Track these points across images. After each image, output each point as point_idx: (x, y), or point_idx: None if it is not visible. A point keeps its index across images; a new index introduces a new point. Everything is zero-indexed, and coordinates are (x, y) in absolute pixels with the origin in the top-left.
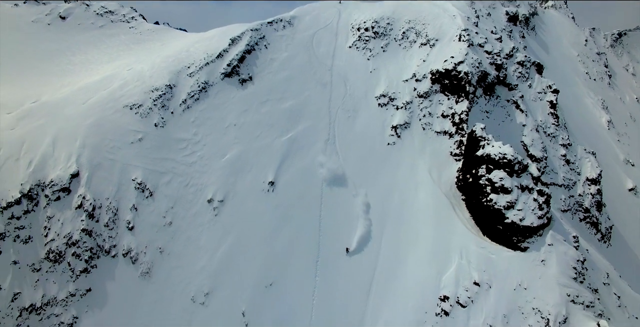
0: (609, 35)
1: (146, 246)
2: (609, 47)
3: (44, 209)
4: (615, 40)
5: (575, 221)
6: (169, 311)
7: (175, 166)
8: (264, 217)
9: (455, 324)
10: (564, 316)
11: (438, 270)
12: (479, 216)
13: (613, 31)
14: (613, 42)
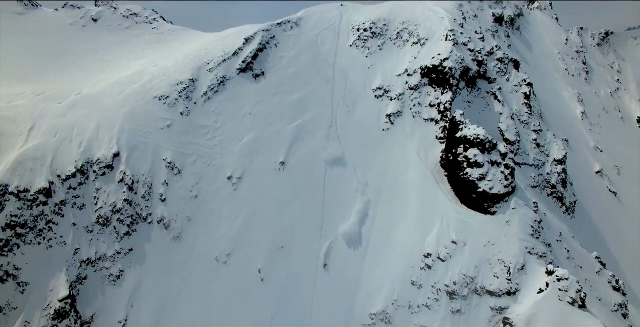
0: (596, 34)
1: (176, 215)
2: (596, 45)
3: (93, 182)
4: (602, 39)
5: (543, 195)
6: (196, 268)
7: (199, 148)
8: (276, 192)
9: (436, 276)
10: (522, 264)
11: (423, 233)
12: (458, 187)
13: (600, 30)
14: (600, 41)
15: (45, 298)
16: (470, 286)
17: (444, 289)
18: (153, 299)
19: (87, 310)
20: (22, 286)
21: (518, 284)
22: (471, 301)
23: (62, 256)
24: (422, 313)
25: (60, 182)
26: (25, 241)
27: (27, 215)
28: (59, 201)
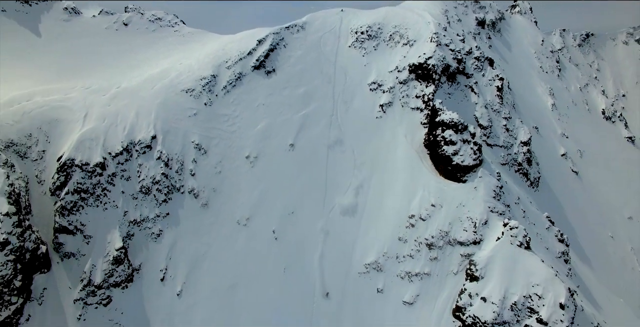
0: (578, 36)
1: (204, 187)
2: (577, 46)
3: (136, 159)
4: (583, 40)
5: (512, 172)
6: (221, 230)
7: (221, 133)
8: (286, 169)
9: (418, 232)
10: (485, 219)
11: (408, 199)
12: (437, 162)
13: (582, 32)
14: (581, 42)
15: (105, 248)
16: (445, 239)
17: (424, 242)
18: (187, 253)
19: (135, 260)
20: (87, 238)
21: (482, 235)
22: (445, 250)
23: (115, 216)
24: (406, 262)
25: (111, 159)
26: (88, 204)
27: (88, 183)
28: (111, 173)
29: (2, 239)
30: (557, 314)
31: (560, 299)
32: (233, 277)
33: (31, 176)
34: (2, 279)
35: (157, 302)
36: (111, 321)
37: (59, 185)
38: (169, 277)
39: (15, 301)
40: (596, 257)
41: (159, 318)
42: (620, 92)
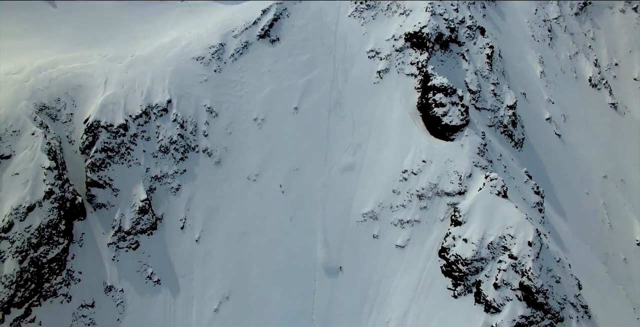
0: (575, 4)
1: (216, 146)
2: (574, 15)
3: (154, 121)
4: (580, 9)
5: (497, 133)
6: (233, 184)
7: (230, 98)
8: (291, 130)
9: (410, 185)
10: (470, 173)
11: (402, 156)
12: (428, 123)
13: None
14: (578, 11)
15: (131, 200)
16: (434, 190)
17: (415, 193)
18: (203, 205)
19: (158, 210)
20: (115, 191)
21: (466, 186)
22: (434, 200)
23: (138, 172)
24: (399, 211)
25: (132, 121)
26: (114, 161)
27: (113, 143)
28: (133, 134)
29: (48, 189)
30: (526, 250)
31: (529, 238)
32: (244, 225)
33: (62, 137)
34: (50, 222)
35: (179, 248)
36: (140, 262)
37: (88, 144)
38: (188, 226)
39: (62, 242)
40: (571, 210)
41: (181, 261)
42: (613, 61)
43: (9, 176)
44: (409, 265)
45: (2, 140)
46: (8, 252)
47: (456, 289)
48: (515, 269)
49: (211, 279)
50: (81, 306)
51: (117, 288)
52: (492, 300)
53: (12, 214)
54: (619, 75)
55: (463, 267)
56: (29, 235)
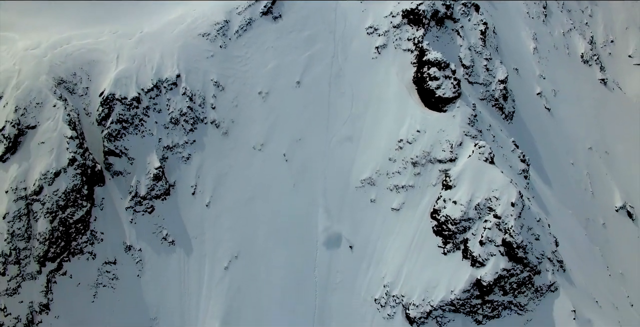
0: None
1: (223, 118)
2: None
3: (165, 94)
4: None
5: (489, 106)
6: (239, 154)
7: (235, 72)
8: (294, 103)
9: (405, 153)
10: (460, 141)
11: (398, 126)
12: (422, 95)
13: None
14: None
15: (146, 167)
16: (427, 158)
17: (410, 161)
18: (212, 173)
19: (170, 177)
20: (130, 160)
21: (457, 154)
22: (427, 167)
23: (151, 142)
24: (395, 177)
25: (144, 94)
26: (128, 132)
27: (127, 114)
28: (145, 106)
29: (71, 156)
30: (509, 210)
31: (512, 199)
32: (251, 191)
33: (80, 109)
34: (75, 187)
35: (190, 212)
36: (156, 225)
37: (104, 116)
38: (198, 192)
39: (85, 205)
40: (556, 179)
41: (193, 224)
42: (609, 38)
43: (36, 144)
44: (403, 226)
45: (28, 112)
46: (40, 213)
47: (446, 246)
48: (499, 228)
49: (221, 240)
50: (105, 263)
51: (136, 248)
52: (478, 255)
53: (41, 179)
54: (614, 52)
55: (452, 226)
56: (57, 198)
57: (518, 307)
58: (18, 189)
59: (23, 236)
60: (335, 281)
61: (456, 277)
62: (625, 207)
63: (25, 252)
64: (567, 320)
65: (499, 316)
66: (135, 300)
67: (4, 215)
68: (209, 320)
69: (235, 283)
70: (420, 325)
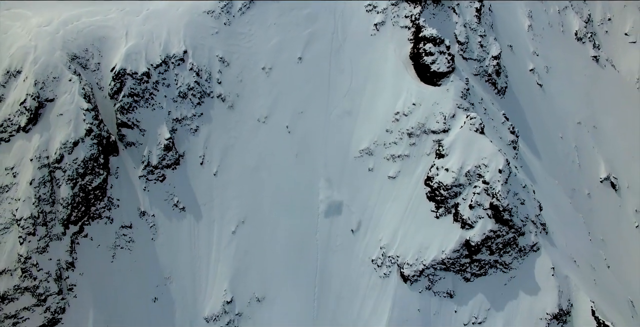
0: None
1: (229, 92)
2: None
3: (173, 70)
4: None
5: (482, 81)
6: (245, 126)
7: (240, 49)
8: (295, 77)
9: (401, 124)
10: (453, 113)
11: (395, 100)
12: (418, 70)
13: None
14: None
15: (157, 138)
16: (422, 129)
17: (405, 132)
18: (219, 144)
19: (180, 148)
20: (142, 131)
21: (450, 125)
22: (422, 138)
23: (161, 115)
24: (392, 147)
25: (153, 69)
26: (140, 105)
27: (138, 88)
28: (155, 81)
29: (88, 127)
30: (496, 177)
31: (500, 166)
32: (256, 161)
33: (93, 84)
34: (92, 156)
35: (199, 180)
36: (167, 192)
37: (116, 90)
38: (206, 161)
39: (102, 173)
40: (545, 151)
41: (202, 192)
42: (607, 15)
43: (55, 116)
44: (399, 193)
45: (46, 85)
46: (62, 180)
47: (438, 211)
48: (487, 193)
49: (229, 206)
50: (121, 227)
51: (149, 213)
52: (467, 218)
53: (62, 148)
54: (610, 30)
55: (444, 192)
56: (76, 166)
57: (503, 265)
58: (41, 157)
59: (48, 201)
60: (336, 244)
61: (447, 238)
62: (610, 179)
63: (51, 216)
64: (547, 276)
65: (486, 274)
66: (150, 261)
67: (30, 181)
68: (218, 280)
69: (242, 247)
70: (413, 283)
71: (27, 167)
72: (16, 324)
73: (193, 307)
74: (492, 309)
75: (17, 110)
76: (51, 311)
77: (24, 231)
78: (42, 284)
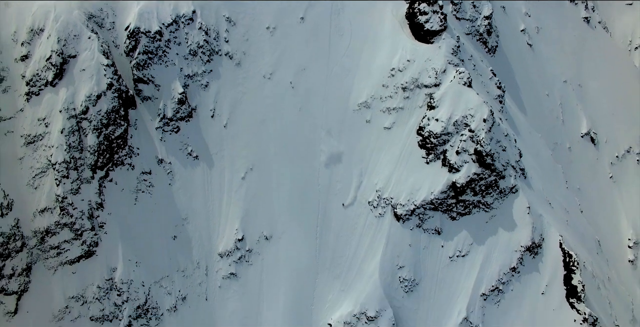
0: None
1: (236, 50)
2: None
3: (183, 29)
4: None
5: (474, 40)
6: (251, 82)
7: (245, 9)
8: (298, 36)
9: (396, 79)
10: (444, 69)
11: (390, 57)
12: (413, 29)
13: None
14: None
15: (171, 93)
16: (415, 84)
17: (400, 86)
18: (228, 98)
19: (192, 102)
20: (157, 86)
21: (440, 80)
22: (415, 91)
23: (174, 71)
24: (387, 100)
25: (165, 28)
26: (154, 62)
27: (152, 46)
28: (167, 39)
29: (109, 82)
30: (481, 125)
31: (484, 116)
32: (262, 114)
33: (109, 42)
34: (114, 108)
35: (211, 131)
36: (182, 142)
37: (131, 48)
38: (217, 114)
39: (123, 124)
40: (531, 107)
41: (213, 142)
42: None
43: (78, 71)
44: (394, 142)
45: (68, 43)
46: (88, 129)
47: (428, 157)
48: (472, 140)
49: (238, 155)
50: (142, 173)
51: (166, 161)
52: (454, 163)
53: (86, 100)
54: None
55: (434, 140)
56: (100, 117)
57: (485, 205)
58: (69, 109)
59: (77, 148)
60: (336, 188)
61: (436, 181)
62: (590, 134)
63: (80, 161)
64: (523, 215)
65: (470, 213)
66: (168, 204)
67: (61, 130)
68: (230, 221)
69: (251, 191)
70: (405, 221)
71: (57, 118)
72: (59, 254)
73: (208, 244)
74: (474, 243)
75: (44, 66)
76: (87, 244)
77: (59, 174)
78: (77, 221)
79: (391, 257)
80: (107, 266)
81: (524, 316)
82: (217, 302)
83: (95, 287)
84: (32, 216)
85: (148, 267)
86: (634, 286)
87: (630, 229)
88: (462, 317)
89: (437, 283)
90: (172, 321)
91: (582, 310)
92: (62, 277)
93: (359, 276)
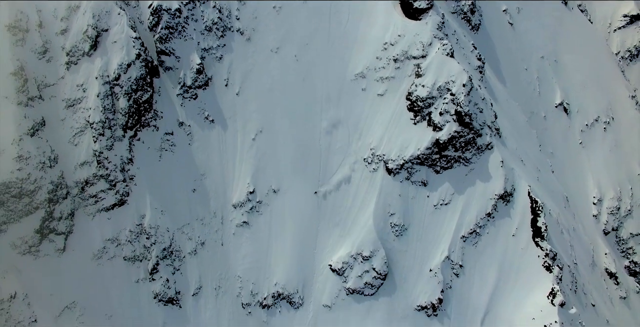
0: None
1: (246, 27)
2: None
3: (199, 7)
4: None
5: (459, 18)
6: (260, 55)
7: None
8: (301, 15)
9: (388, 52)
10: (430, 42)
11: (384, 32)
12: (404, 8)
13: None
14: None
15: (189, 63)
16: (405, 55)
17: (392, 58)
18: (240, 69)
19: (208, 72)
20: (177, 58)
21: (427, 52)
22: (404, 62)
23: (192, 45)
24: (380, 71)
25: (183, 6)
26: (174, 36)
27: (172, 22)
28: (185, 16)
29: (137, 52)
30: (461, 89)
31: (463, 81)
32: (270, 84)
33: (135, 18)
34: (141, 76)
35: (225, 98)
36: (199, 108)
37: (154, 23)
38: (230, 84)
39: (149, 90)
40: (511, 80)
41: (227, 107)
42: None
43: (110, 43)
44: (386, 107)
45: (101, 18)
46: (120, 94)
47: (415, 118)
48: (453, 102)
49: (249, 119)
50: (165, 134)
51: (186, 124)
52: (437, 123)
53: (118, 68)
54: None
55: (420, 103)
56: (130, 83)
57: (464, 160)
58: (103, 76)
59: (111, 110)
60: (335, 148)
61: (422, 139)
62: (563, 104)
63: (113, 122)
64: (497, 168)
65: (452, 167)
66: (188, 161)
67: (98, 94)
68: (242, 176)
69: (260, 150)
70: (395, 175)
71: (93, 84)
72: (97, 201)
73: (223, 196)
74: (455, 193)
75: (81, 38)
76: (120, 194)
77: (96, 132)
78: (112, 173)
79: (383, 206)
80: (137, 213)
81: (497, 254)
82: (231, 247)
83: (128, 231)
84: (73, 168)
85: (172, 215)
86: (596, 236)
87: (595, 188)
88: (444, 256)
89: (424, 228)
90: (192, 262)
91: (544, 247)
92: (99, 222)
93: (355, 223)
